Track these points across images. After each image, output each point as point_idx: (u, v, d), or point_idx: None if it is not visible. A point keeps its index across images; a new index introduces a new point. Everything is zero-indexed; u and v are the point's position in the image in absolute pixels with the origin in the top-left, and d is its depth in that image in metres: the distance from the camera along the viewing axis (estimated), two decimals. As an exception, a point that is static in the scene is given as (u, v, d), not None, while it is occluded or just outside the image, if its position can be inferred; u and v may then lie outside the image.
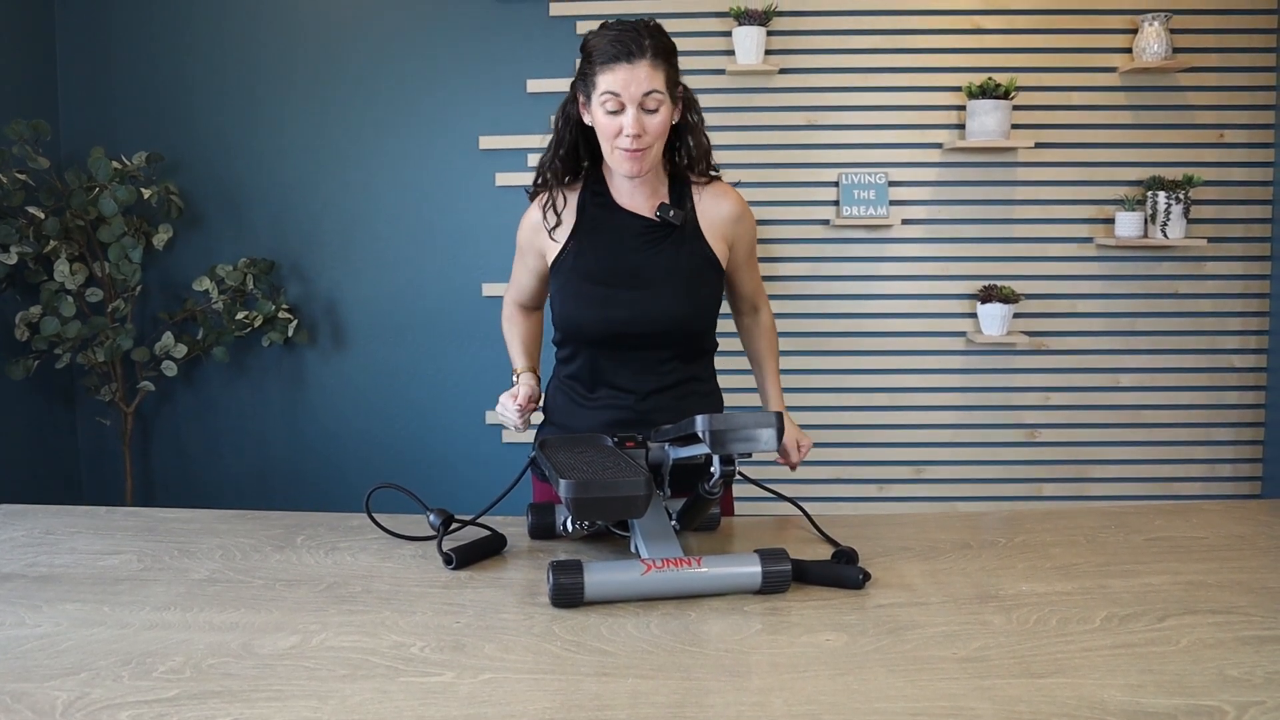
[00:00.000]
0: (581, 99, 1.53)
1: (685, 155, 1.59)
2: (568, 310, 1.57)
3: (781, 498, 1.48)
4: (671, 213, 1.55)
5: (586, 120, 1.54)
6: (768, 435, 1.15)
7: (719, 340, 1.67)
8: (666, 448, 1.33)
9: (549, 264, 1.60)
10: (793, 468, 1.67)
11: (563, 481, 1.14)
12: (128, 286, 3.01)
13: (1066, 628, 1.08)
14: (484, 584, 1.23)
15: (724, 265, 1.60)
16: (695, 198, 1.60)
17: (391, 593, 1.20)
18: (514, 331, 1.74)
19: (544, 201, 1.59)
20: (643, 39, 1.44)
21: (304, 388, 3.27)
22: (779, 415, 1.17)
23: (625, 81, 1.43)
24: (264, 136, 3.19)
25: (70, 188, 2.92)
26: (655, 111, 1.46)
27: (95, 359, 2.98)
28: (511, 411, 1.56)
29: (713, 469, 1.22)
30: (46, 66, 3.17)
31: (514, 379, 1.67)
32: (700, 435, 1.16)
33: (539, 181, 1.63)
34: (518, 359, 1.71)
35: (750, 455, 1.18)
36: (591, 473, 1.18)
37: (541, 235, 1.60)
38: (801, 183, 3.12)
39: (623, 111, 1.45)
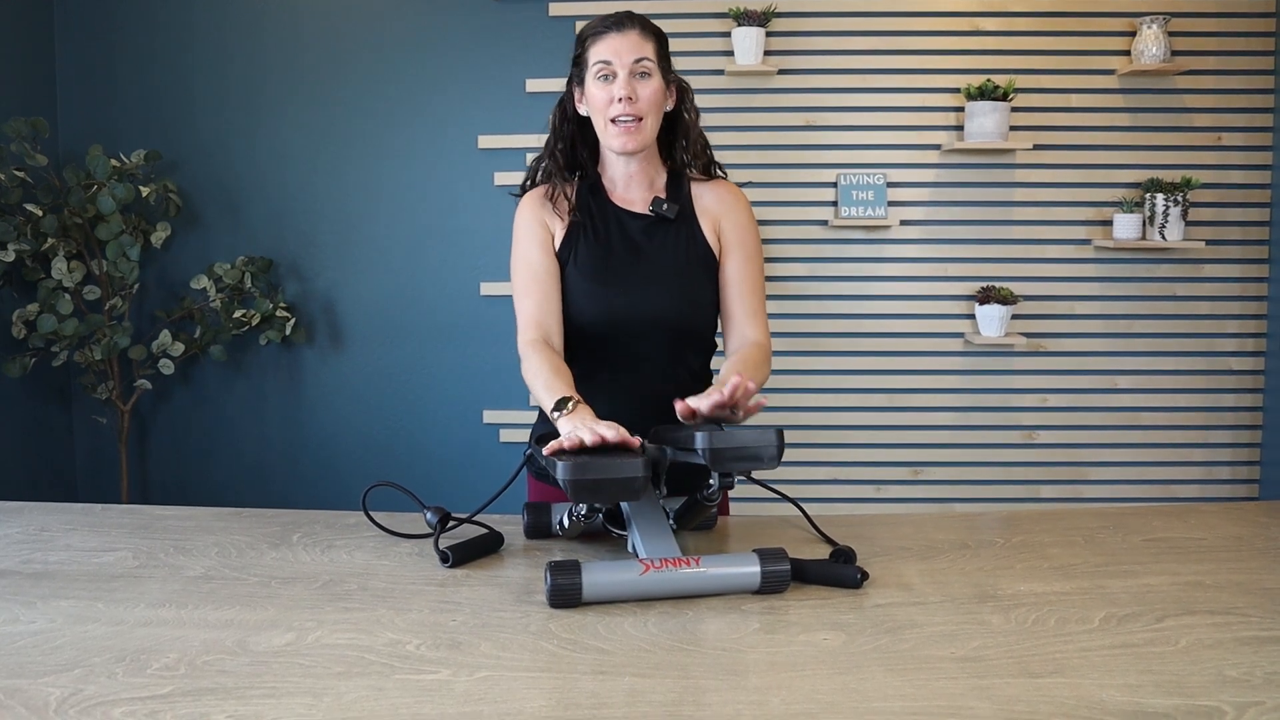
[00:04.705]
0: (577, 91, 1.56)
1: (682, 150, 1.60)
2: (565, 309, 1.56)
3: (783, 497, 1.48)
4: (665, 205, 1.56)
5: (582, 111, 1.56)
6: (769, 455, 1.15)
7: (718, 340, 1.66)
8: (665, 449, 1.32)
9: (555, 249, 1.57)
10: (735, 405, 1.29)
11: (560, 464, 1.13)
12: (125, 284, 3.00)
13: (1065, 628, 1.08)
14: (480, 582, 1.23)
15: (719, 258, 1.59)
16: (694, 194, 1.60)
17: (387, 590, 1.20)
18: (543, 366, 1.43)
19: (546, 192, 1.59)
20: (632, 15, 1.52)
21: (301, 386, 3.27)
22: (779, 431, 1.16)
23: (616, 48, 1.48)
24: (262, 135, 3.18)
25: (68, 185, 2.92)
26: (647, 78, 1.49)
27: (92, 357, 2.97)
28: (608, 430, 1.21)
29: (711, 480, 1.22)
30: (45, 64, 3.17)
31: (565, 409, 1.31)
32: (700, 454, 1.15)
33: (530, 182, 1.62)
34: (561, 388, 1.37)
35: (750, 474, 1.17)
36: (589, 456, 1.18)
37: (547, 210, 1.57)
38: (800, 183, 3.12)
39: (615, 79, 1.48)
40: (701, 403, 1.22)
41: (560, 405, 1.32)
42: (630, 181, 1.59)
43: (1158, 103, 3.06)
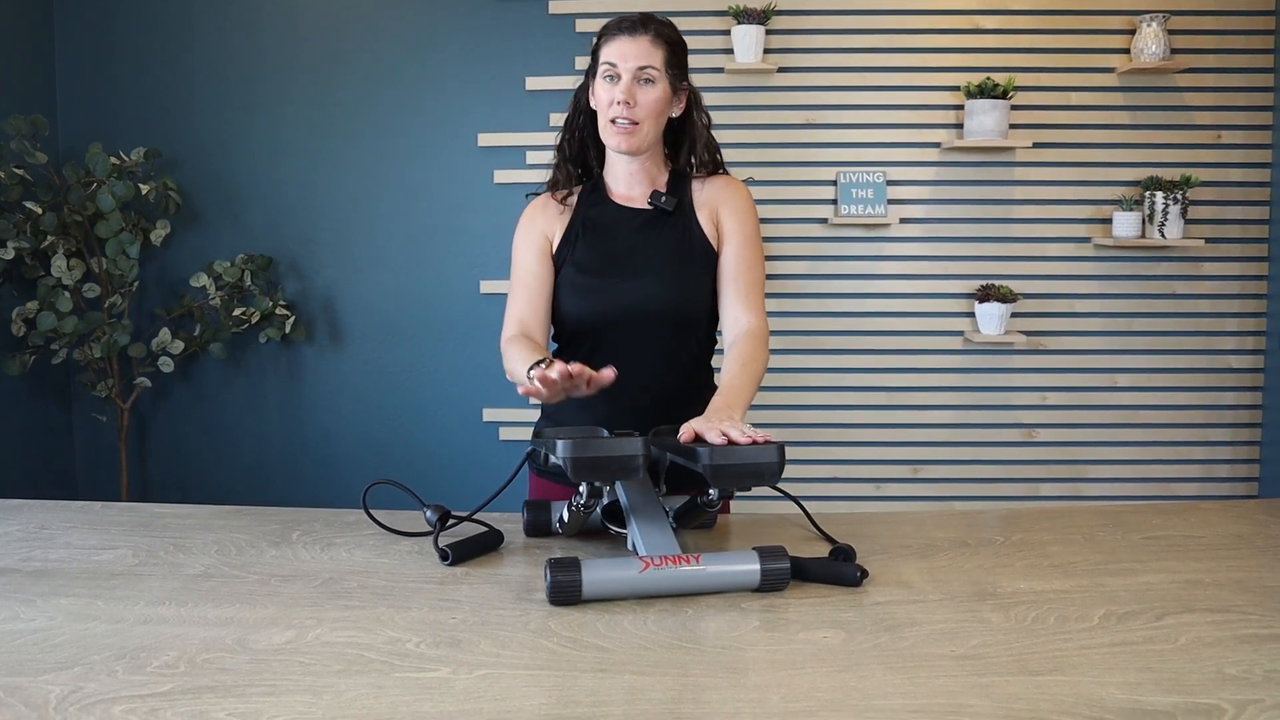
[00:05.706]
0: (591, 85, 1.58)
1: (690, 154, 1.62)
2: (562, 304, 1.57)
3: (784, 495, 1.47)
4: (664, 198, 1.58)
5: (594, 105, 1.58)
6: (771, 473, 1.15)
7: (719, 337, 1.66)
8: (665, 454, 1.32)
9: (553, 252, 1.60)
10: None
11: (560, 443, 1.13)
12: (125, 282, 3.00)
13: (1064, 626, 1.08)
14: (480, 580, 1.23)
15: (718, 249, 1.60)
16: (694, 189, 1.62)
17: (387, 588, 1.20)
18: (521, 349, 1.48)
19: (548, 198, 1.63)
20: (649, 20, 1.53)
21: (301, 384, 3.27)
22: (781, 448, 1.16)
23: (624, 52, 1.50)
24: (262, 133, 3.18)
25: (68, 183, 2.92)
26: (650, 85, 1.51)
27: (92, 355, 2.97)
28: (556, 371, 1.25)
29: (710, 491, 1.22)
30: (45, 62, 3.16)
31: (538, 367, 1.35)
32: (701, 472, 1.15)
33: (554, 179, 1.65)
34: (535, 357, 1.42)
35: (750, 489, 1.18)
36: (589, 437, 1.19)
37: (548, 214, 1.61)
38: (799, 181, 3.12)
39: (618, 82, 1.50)
40: (709, 434, 1.22)
41: (534, 365, 1.37)
42: (632, 179, 1.61)
43: (1157, 101, 3.06)
